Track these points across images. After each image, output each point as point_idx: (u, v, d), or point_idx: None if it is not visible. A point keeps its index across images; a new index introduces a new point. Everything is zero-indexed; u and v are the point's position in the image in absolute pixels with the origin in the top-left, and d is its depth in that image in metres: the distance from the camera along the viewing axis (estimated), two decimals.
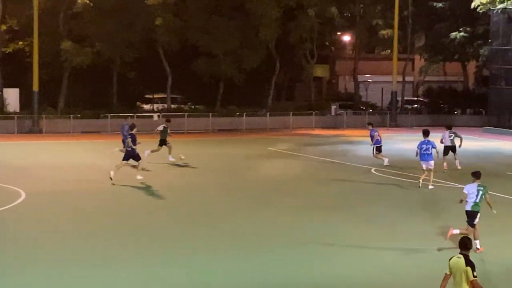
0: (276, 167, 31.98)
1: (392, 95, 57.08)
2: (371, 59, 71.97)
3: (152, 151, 32.06)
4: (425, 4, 60.50)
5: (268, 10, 53.62)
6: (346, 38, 67.84)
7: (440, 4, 59.35)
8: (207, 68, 55.43)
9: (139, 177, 26.99)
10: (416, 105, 63.38)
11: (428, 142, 26.30)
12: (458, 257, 11.78)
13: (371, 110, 59.14)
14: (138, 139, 27.14)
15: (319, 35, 60.09)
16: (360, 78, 65.70)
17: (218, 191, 25.95)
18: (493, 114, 52.36)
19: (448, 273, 11.83)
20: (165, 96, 57.00)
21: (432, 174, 26.34)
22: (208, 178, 29.14)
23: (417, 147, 26.45)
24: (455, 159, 31.16)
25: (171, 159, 32.14)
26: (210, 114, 51.79)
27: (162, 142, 32.21)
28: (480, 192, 17.68)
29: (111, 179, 25.98)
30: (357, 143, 42.08)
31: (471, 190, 17.79)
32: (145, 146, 30.77)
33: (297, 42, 58.25)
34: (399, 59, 57.73)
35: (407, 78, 65.67)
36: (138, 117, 48.83)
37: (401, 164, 32.50)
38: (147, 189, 25.81)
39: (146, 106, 57.37)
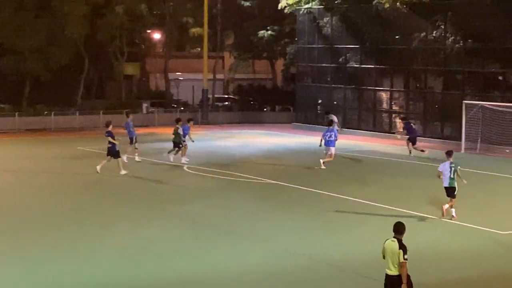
0: (82, 167, 31.38)
1: (203, 92, 57.48)
2: (182, 57, 72.13)
3: None
4: (233, 2, 61.42)
5: (75, 7, 52.39)
6: (157, 36, 67.60)
7: (248, 3, 60.41)
8: (12, 65, 53.41)
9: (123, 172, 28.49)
10: (226, 103, 64.18)
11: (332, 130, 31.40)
12: (392, 241, 12.67)
13: (182, 108, 59.28)
14: None
15: (129, 32, 59.49)
16: (171, 76, 65.70)
17: (20, 193, 25.15)
18: (301, 111, 53.93)
19: (383, 254, 12.76)
20: None
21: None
22: (8, 178, 28.20)
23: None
24: None
25: None
26: (17, 113, 49.97)
27: None
28: (453, 168, 21.06)
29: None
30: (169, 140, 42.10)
31: (445, 168, 21.16)
32: None
33: (106, 40, 57.41)
34: (209, 57, 58.25)
35: (218, 76, 66.44)
36: None
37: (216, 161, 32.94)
38: None
39: None
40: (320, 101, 52.00)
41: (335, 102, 51.40)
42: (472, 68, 42.83)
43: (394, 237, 12.68)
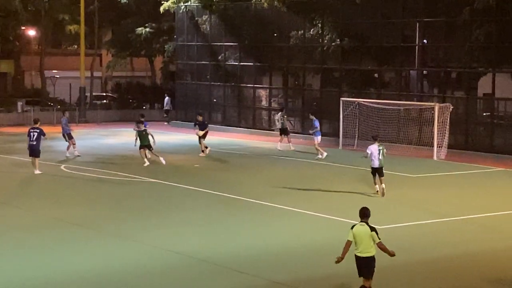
0: None
1: (80, 90, 56.43)
2: (59, 54, 70.63)
3: None
4: None
5: None
6: (32, 32, 65.88)
7: (125, 0, 59.70)
8: None
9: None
10: (105, 101, 63.25)
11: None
12: (361, 225, 13.32)
13: (59, 106, 57.97)
14: None
15: (2, 29, 57.72)
16: (47, 73, 64.18)
17: None
18: (181, 108, 53.75)
19: (350, 240, 13.30)
20: None
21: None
22: None
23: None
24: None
25: None
26: None
27: None
28: (381, 151, 24.00)
29: None
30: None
31: (374, 150, 23.96)
32: None
33: None
34: (86, 55, 57.24)
35: (96, 74, 65.40)
36: None
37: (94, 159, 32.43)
38: None
39: None
40: (215, 100, 51.79)
41: (214, 100, 51.53)
42: (349, 65, 43.82)
43: (361, 221, 13.37)
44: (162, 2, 51.94)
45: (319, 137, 34.33)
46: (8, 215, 21.53)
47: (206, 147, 35.18)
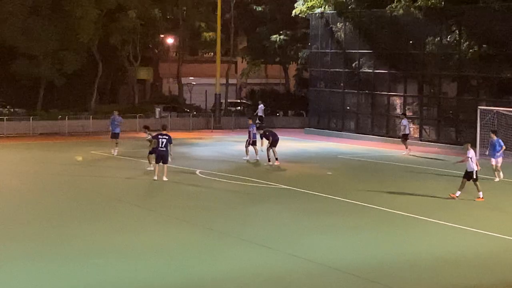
0: (95, 171, 31.44)
1: (215, 97, 57.49)
2: (195, 62, 72.25)
3: None
4: (246, 7, 61.42)
5: (88, 11, 52.43)
6: (170, 40, 67.73)
7: (260, 8, 60.41)
8: (26, 70, 53.48)
9: None
10: (239, 107, 64.19)
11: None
12: None
13: (195, 113, 59.28)
14: None
15: (142, 37, 59.58)
16: (184, 80, 65.77)
17: (34, 197, 25.16)
18: (313, 116, 53.86)
19: None
20: None
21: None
22: (23, 182, 28.26)
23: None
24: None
25: None
26: (31, 117, 50.14)
27: None
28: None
29: None
30: (190, 145, 42.45)
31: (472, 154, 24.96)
32: None
33: (119, 44, 57.50)
34: (222, 62, 58.25)
35: (231, 81, 66.43)
36: None
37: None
38: None
39: None
40: (348, 107, 51.67)
41: (347, 107, 51.34)
42: (487, 73, 42.68)
43: None
44: (295, 7, 52.30)
45: (500, 158, 30.22)
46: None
47: (276, 158, 34.11)
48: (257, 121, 54.81)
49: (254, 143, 35.45)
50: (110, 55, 59.30)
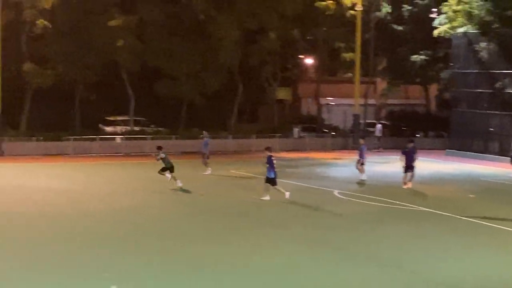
0: (233, 191, 31.81)
1: (354, 117, 57.18)
2: (334, 82, 72.15)
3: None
4: (386, 27, 60.90)
5: (229, 33, 53.43)
6: (309, 61, 68.00)
7: (401, 28, 59.76)
8: (168, 90, 55.01)
9: None
10: None
11: None
12: None
13: (334, 133, 59.14)
14: None
15: (281, 58, 60.10)
16: (323, 100, 65.81)
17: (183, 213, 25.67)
18: (455, 137, 52.63)
19: None
20: (128, 118, 56.46)
21: None
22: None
23: None
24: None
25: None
26: (174, 136, 51.43)
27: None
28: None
29: None
30: (328, 165, 42.43)
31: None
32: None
33: (259, 65, 58.21)
34: (361, 82, 57.94)
35: (369, 101, 65.92)
36: (101, 139, 49.33)
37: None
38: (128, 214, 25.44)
39: (108, 129, 56.69)
40: (491, 129, 50.32)
41: (491, 129, 49.89)
42: None
43: None
44: (437, 27, 51.41)
45: None
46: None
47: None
48: (376, 141, 54.33)
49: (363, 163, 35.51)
50: (249, 76, 60.13)
